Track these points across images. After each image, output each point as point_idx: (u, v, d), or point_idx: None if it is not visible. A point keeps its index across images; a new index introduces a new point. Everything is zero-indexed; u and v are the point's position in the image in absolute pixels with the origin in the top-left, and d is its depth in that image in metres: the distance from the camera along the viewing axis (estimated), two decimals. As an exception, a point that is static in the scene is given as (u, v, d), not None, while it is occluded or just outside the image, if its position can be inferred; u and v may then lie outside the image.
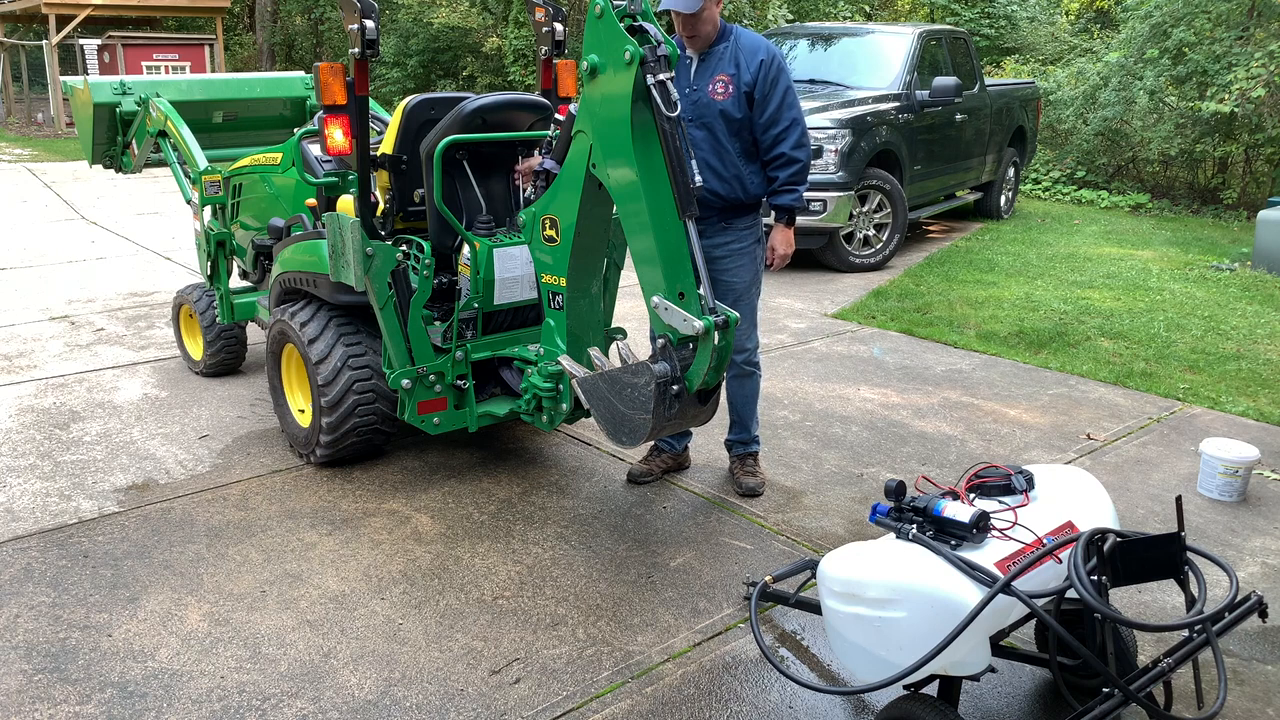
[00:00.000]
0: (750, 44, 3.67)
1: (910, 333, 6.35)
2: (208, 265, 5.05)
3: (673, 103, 2.93)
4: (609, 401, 3.06)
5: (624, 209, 3.09)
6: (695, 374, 2.99)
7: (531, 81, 16.80)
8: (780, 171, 3.67)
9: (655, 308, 3.02)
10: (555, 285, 3.47)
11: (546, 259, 3.47)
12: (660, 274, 3.01)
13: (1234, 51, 11.04)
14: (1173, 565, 2.31)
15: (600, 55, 3.01)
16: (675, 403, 2.96)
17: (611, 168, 3.08)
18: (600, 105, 3.06)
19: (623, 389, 3.00)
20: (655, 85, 2.92)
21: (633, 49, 2.89)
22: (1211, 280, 7.93)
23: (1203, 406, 5.07)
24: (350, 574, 3.33)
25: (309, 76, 5.81)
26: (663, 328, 3.01)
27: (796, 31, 10.04)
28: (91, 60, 20.51)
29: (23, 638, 2.96)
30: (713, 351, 2.94)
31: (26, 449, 4.35)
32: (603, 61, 3.01)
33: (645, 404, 2.92)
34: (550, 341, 3.55)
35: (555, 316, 3.52)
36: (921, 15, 19.02)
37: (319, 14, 26.18)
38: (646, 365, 2.92)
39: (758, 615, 2.89)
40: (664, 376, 2.91)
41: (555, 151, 3.47)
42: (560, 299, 3.46)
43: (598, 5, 2.97)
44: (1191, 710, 2.59)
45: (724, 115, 3.61)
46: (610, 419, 3.07)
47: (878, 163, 8.21)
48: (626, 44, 2.90)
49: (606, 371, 3.10)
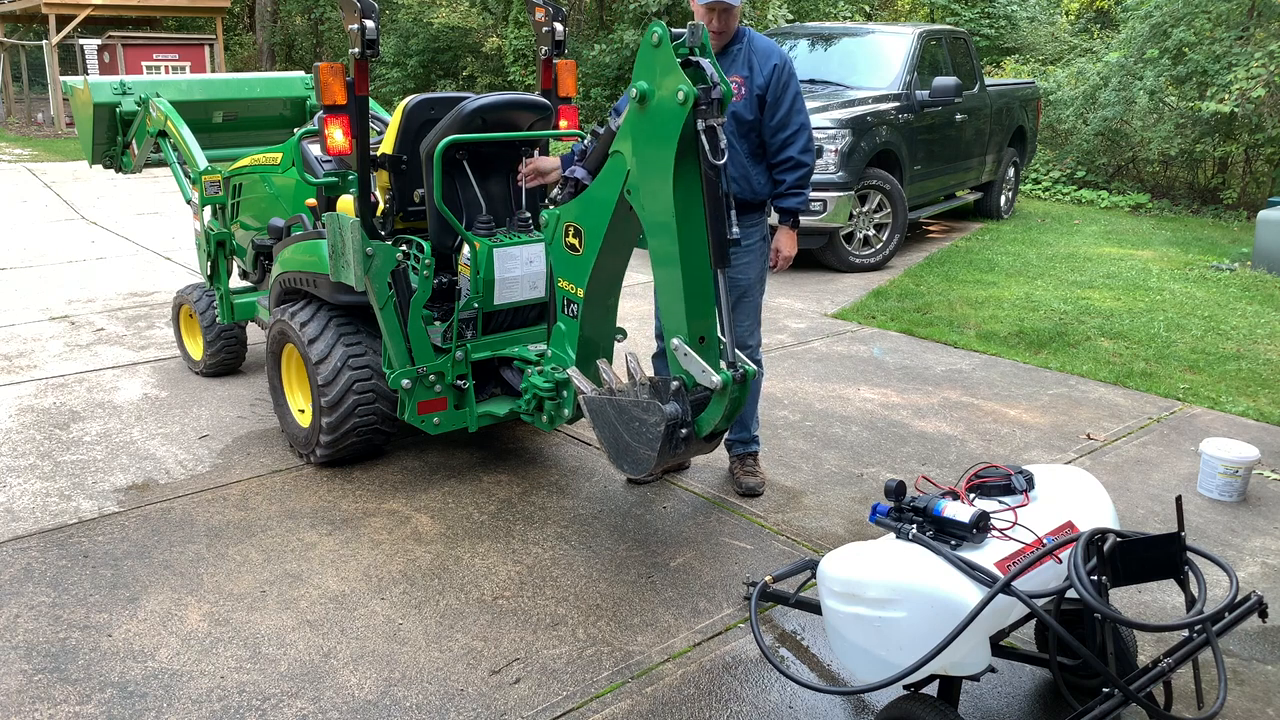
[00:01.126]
0: (764, 47, 3.68)
1: (910, 333, 6.35)
2: (208, 265, 5.05)
3: (720, 150, 2.80)
4: (615, 429, 3.03)
5: (654, 241, 3.00)
6: (706, 421, 3.00)
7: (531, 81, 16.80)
8: (788, 174, 3.67)
9: (674, 350, 2.97)
10: (572, 294, 3.40)
11: (566, 266, 3.39)
12: (683, 316, 2.95)
13: (1234, 51, 11.03)
14: (1173, 565, 2.31)
15: (652, 85, 2.86)
16: (682, 444, 2.97)
17: (647, 200, 2.98)
18: (645, 138, 2.93)
19: (631, 421, 2.97)
20: (705, 131, 2.79)
21: (687, 89, 2.74)
22: (1211, 280, 7.93)
23: (1203, 406, 5.08)
24: (350, 574, 3.33)
25: (309, 76, 5.81)
26: (679, 370, 2.99)
27: (796, 31, 10.04)
28: (91, 60, 20.51)
29: (23, 638, 2.96)
30: (727, 403, 2.96)
31: (26, 449, 4.35)
32: (654, 93, 2.86)
33: (652, 442, 2.91)
34: (560, 346, 3.52)
35: (568, 323, 3.47)
36: (921, 15, 19.02)
37: (319, 14, 26.18)
38: (658, 405, 2.88)
39: (758, 615, 2.89)
40: (674, 418, 2.88)
41: (589, 162, 3.31)
42: (575, 308, 3.40)
43: (655, 33, 2.80)
44: (1191, 710, 2.59)
45: (736, 117, 3.62)
46: (614, 446, 3.06)
47: (878, 163, 8.21)
48: (681, 83, 2.75)
49: (616, 399, 3.03)
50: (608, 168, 3.15)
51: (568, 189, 3.37)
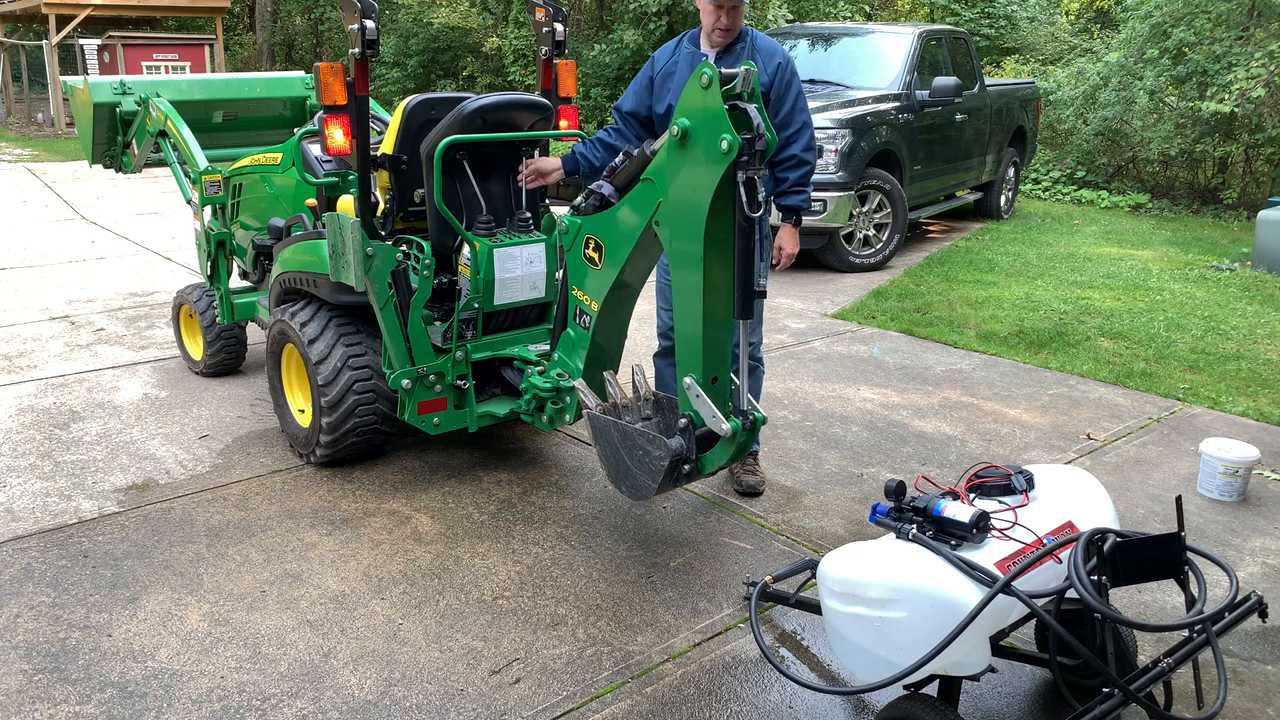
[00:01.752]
0: (767, 47, 3.69)
1: (910, 333, 6.35)
2: (208, 265, 5.05)
3: (757, 203, 2.73)
4: (617, 451, 3.04)
5: (677, 275, 2.95)
6: (711, 462, 3.02)
7: (531, 81, 16.80)
8: (790, 173, 3.67)
9: (687, 389, 2.97)
10: (586, 305, 3.37)
11: (583, 277, 3.35)
12: (699, 357, 2.94)
13: (1234, 51, 11.04)
14: (1173, 565, 2.31)
15: (695, 125, 2.78)
16: (684, 479, 3.00)
17: (676, 239, 2.92)
18: (681, 178, 2.86)
19: (635, 449, 2.98)
20: (744, 183, 2.72)
21: (731, 140, 2.66)
22: (1211, 280, 7.93)
23: (1203, 406, 5.08)
24: (350, 574, 3.33)
25: (309, 76, 5.81)
26: (689, 408, 2.99)
27: (796, 31, 10.04)
28: (91, 60, 20.51)
29: (23, 638, 2.96)
30: (735, 448, 2.98)
31: (26, 449, 4.35)
32: (696, 134, 2.78)
33: (654, 475, 2.93)
34: (568, 353, 3.51)
35: (578, 333, 3.45)
36: (921, 15, 19.02)
37: (319, 14, 26.18)
38: (663, 441, 2.89)
39: (758, 615, 2.89)
40: (679, 454, 2.90)
41: (618, 179, 3.24)
42: (588, 320, 3.38)
43: (705, 74, 2.70)
44: (1191, 710, 2.59)
45: None
46: (614, 467, 3.07)
47: (878, 163, 8.21)
48: (726, 132, 2.67)
49: (622, 425, 3.03)
50: (639, 192, 3.07)
51: (592, 201, 3.30)
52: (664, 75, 3.75)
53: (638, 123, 3.84)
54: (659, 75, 3.77)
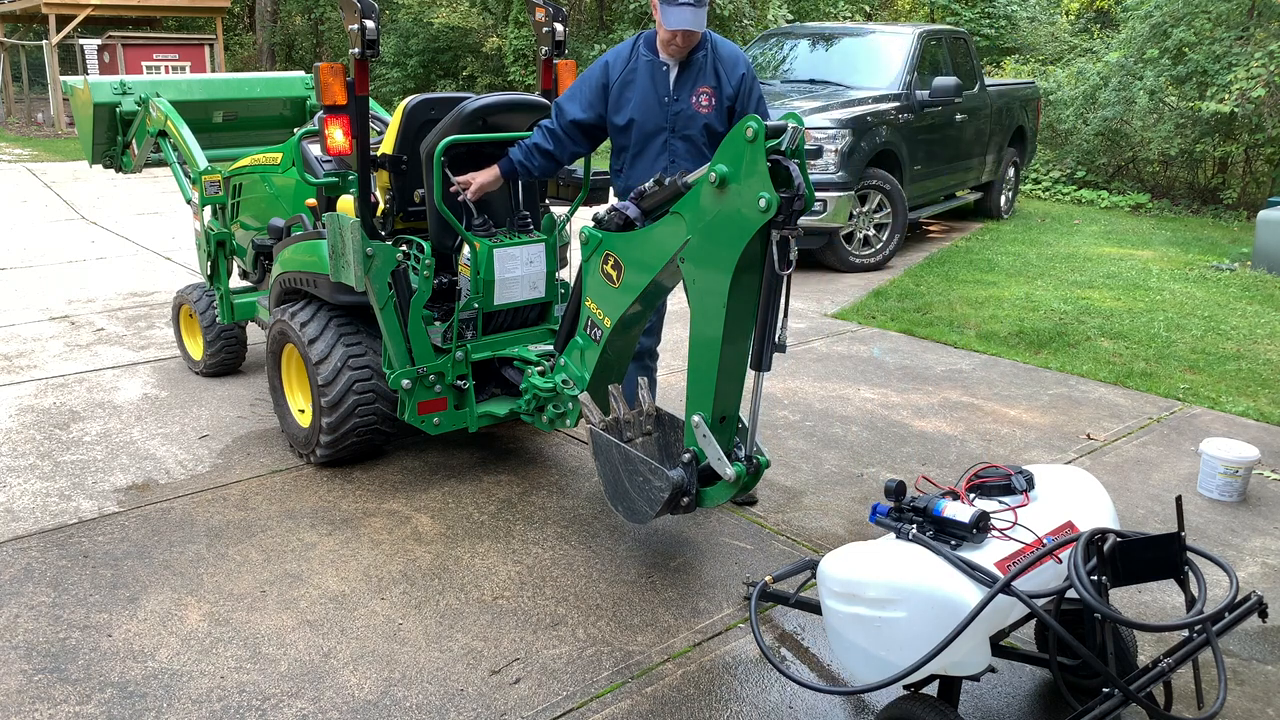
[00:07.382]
0: (730, 55, 3.64)
1: (910, 333, 6.35)
2: (208, 265, 5.05)
3: (788, 261, 2.71)
4: (618, 473, 3.06)
5: (697, 315, 2.93)
6: (711, 499, 3.06)
7: (531, 81, 16.80)
8: None
9: (695, 427, 2.99)
10: (599, 319, 3.35)
11: (599, 292, 3.32)
12: (710, 398, 2.95)
13: (1234, 51, 11.03)
14: (1173, 565, 2.31)
15: (734, 175, 2.73)
16: (682, 510, 3.02)
17: (699, 279, 2.90)
18: (713, 223, 2.82)
19: (635, 474, 2.99)
20: (778, 242, 2.70)
21: (770, 198, 2.61)
22: (1211, 280, 7.93)
23: (1203, 406, 5.08)
24: (350, 574, 3.33)
25: (309, 76, 5.81)
26: (693, 443, 3.01)
27: (796, 31, 10.05)
28: (91, 60, 20.50)
29: (23, 638, 2.96)
30: (737, 490, 3.02)
31: (26, 449, 4.35)
32: (735, 184, 2.73)
33: (653, 504, 2.96)
34: (575, 362, 3.51)
35: (587, 343, 3.44)
36: (921, 15, 19.03)
37: (319, 14, 26.20)
38: (665, 472, 2.91)
39: (758, 615, 2.89)
40: (680, 487, 2.92)
41: (645, 203, 3.17)
42: (599, 333, 3.37)
43: (750, 127, 2.65)
44: (1191, 710, 2.59)
45: (708, 129, 3.62)
46: (614, 488, 3.09)
47: (878, 163, 8.21)
48: (765, 190, 2.63)
49: (626, 450, 3.04)
50: (666, 223, 3.02)
51: (615, 220, 3.24)
52: (622, 84, 3.63)
53: (582, 132, 3.69)
54: (615, 84, 3.64)
